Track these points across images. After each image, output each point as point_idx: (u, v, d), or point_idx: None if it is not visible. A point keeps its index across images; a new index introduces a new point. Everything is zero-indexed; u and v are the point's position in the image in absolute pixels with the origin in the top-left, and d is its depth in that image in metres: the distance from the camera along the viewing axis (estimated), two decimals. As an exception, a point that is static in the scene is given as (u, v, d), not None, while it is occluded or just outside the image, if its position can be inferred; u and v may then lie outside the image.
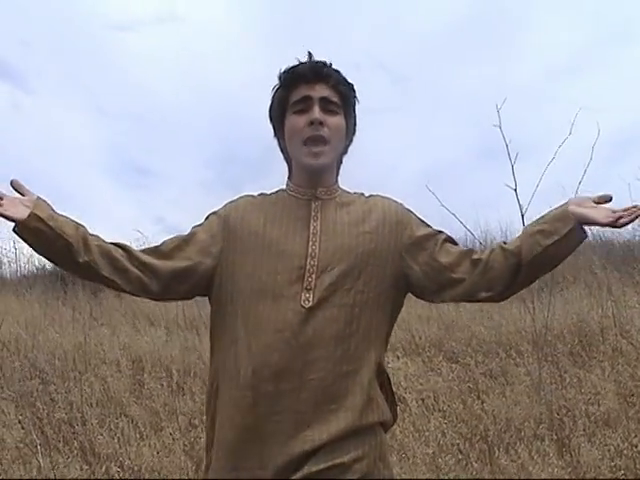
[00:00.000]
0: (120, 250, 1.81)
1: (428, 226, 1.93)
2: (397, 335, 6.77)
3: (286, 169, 2.02)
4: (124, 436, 4.92)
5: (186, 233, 1.92)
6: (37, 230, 1.69)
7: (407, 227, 1.89)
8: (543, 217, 1.83)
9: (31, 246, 1.72)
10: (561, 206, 1.81)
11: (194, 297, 1.95)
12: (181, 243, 1.88)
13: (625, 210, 1.72)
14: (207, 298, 1.94)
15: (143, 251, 1.86)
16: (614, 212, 1.73)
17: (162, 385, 5.95)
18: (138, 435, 5.00)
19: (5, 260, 12.03)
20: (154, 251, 1.87)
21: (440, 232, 1.91)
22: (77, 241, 1.72)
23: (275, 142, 2.02)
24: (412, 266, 1.86)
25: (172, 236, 1.92)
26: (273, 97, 1.96)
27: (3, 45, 22.52)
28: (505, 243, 1.87)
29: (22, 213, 1.68)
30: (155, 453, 4.62)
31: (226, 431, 1.78)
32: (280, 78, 1.93)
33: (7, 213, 1.67)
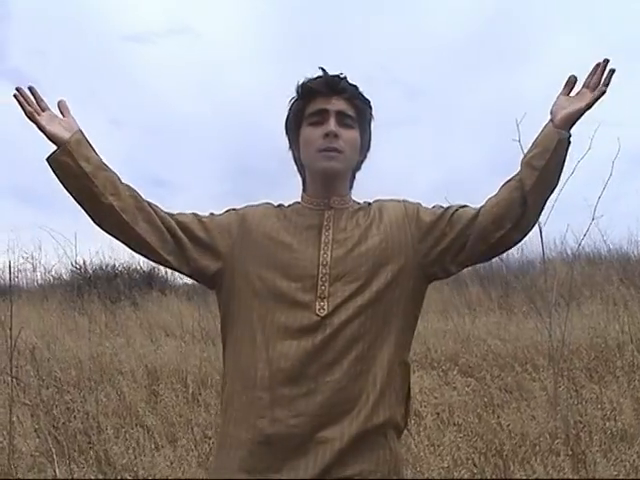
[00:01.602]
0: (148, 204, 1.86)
1: (438, 208, 1.93)
2: (413, 349, 6.72)
3: (300, 182, 2.04)
4: (139, 446, 4.92)
5: (202, 214, 1.95)
6: (66, 164, 1.76)
7: (414, 219, 1.90)
8: (533, 143, 1.83)
9: (58, 178, 1.79)
10: (545, 125, 1.82)
11: (194, 279, 1.97)
12: (195, 220, 1.91)
13: (593, 76, 1.77)
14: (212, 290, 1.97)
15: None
16: (587, 87, 1.77)
17: (177, 396, 5.96)
18: (153, 445, 5.01)
19: (22, 270, 12.09)
20: (171, 215, 1.90)
21: (449, 207, 1.91)
22: (103, 184, 1.78)
23: (290, 155, 2.04)
24: (427, 252, 1.87)
25: (188, 212, 1.94)
26: (290, 109, 1.98)
27: (19, 56, 22.72)
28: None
29: (55, 129, 1.78)
30: (169, 464, 4.62)
31: (240, 431, 1.78)
32: (297, 90, 1.95)
33: (42, 122, 1.77)
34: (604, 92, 1.74)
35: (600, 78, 1.75)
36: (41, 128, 1.77)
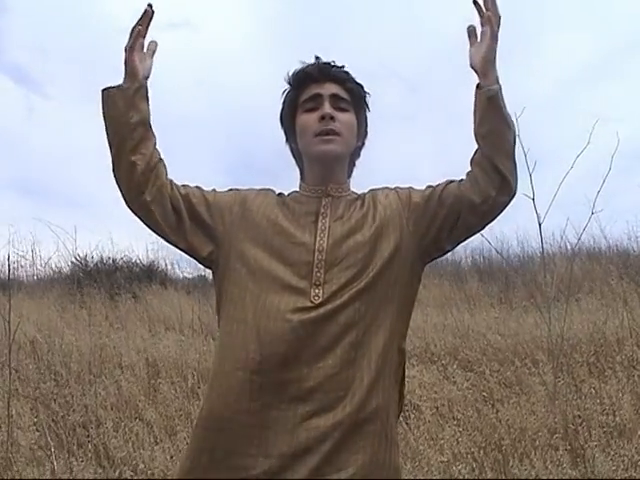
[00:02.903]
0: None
1: (427, 188, 1.93)
2: (412, 343, 6.77)
3: (297, 177, 2.04)
4: (138, 440, 4.92)
5: (206, 190, 1.96)
6: (116, 106, 1.80)
7: (407, 203, 1.90)
8: (473, 113, 1.85)
9: (103, 112, 1.83)
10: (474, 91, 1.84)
11: (189, 255, 1.95)
12: (200, 195, 1.92)
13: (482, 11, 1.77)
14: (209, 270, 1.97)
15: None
16: (484, 24, 1.78)
17: (177, 390, 5.96)
18: (152, 439, 5.00)
19: (22, 263, 12.10)
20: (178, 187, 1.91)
21: (437, 186, 1.91)
22: (139, 140, 1.81)
23: (287, 148, 2.05)
24: (424, 234, 1.87)
25: (192, 185, 1.96)
26: (284, 100, 2.00)
27: (16, 49, 22.71)
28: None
29: (136, 58, 1.82)
30: (169, 457, 4.62)
31: (230, 413, 1.76)
32: (289, 80, 1.97)
33: (137, 44, 1.83)
34: (499, 16, 1.76)
35: (488, 8, 1.76)
36: (131, 48, 1.80)
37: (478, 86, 1.80)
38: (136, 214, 1.88)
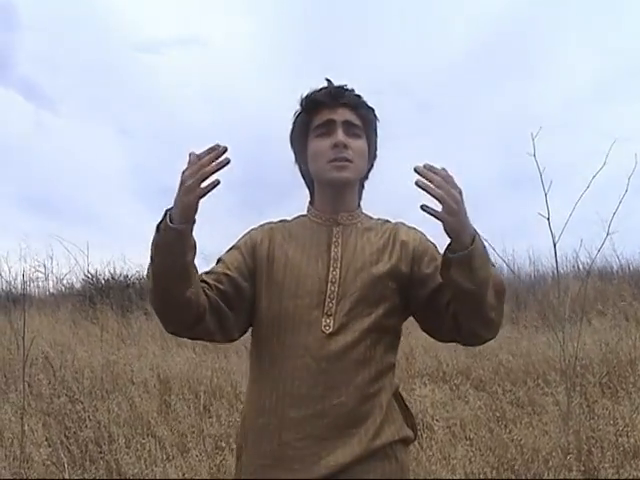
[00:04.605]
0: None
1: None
2: (424, 362, 6.75)
3: (307, 195, 2.04)
4: (150, 456, 4.92)
5: (219, 263, 1.90)
6: (172, 247, 1.63)
7: (422, 261, 1.86)
8: None
9: (155, 248, 1.66)
10: None
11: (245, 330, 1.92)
12: (228, 283, 1.83)
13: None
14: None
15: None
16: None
17: (189, 407, 5.96)
18: (164, 456, 5.00)
19: (35, 279, 12.13)
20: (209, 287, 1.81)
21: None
22: (194, 278, 1.71)
23: (296, 168, 2.04)
24: (416, 301, 1.86)
25: (209, 275, 1.84)
26: (294, 122, 1.99)
27: (28, 65, 22.91)
28: None
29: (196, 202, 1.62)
30: (181, 474, 4.62)
31: (251, 457, 1.80)
32: (301, 103, 1.95)
33: (202, 191, 1.61)
34: (451, 194, 1.63)
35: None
36: (197, 195, 1.61)
37: (447, 249, 1.67)
38: (179, 336, 1.88)
